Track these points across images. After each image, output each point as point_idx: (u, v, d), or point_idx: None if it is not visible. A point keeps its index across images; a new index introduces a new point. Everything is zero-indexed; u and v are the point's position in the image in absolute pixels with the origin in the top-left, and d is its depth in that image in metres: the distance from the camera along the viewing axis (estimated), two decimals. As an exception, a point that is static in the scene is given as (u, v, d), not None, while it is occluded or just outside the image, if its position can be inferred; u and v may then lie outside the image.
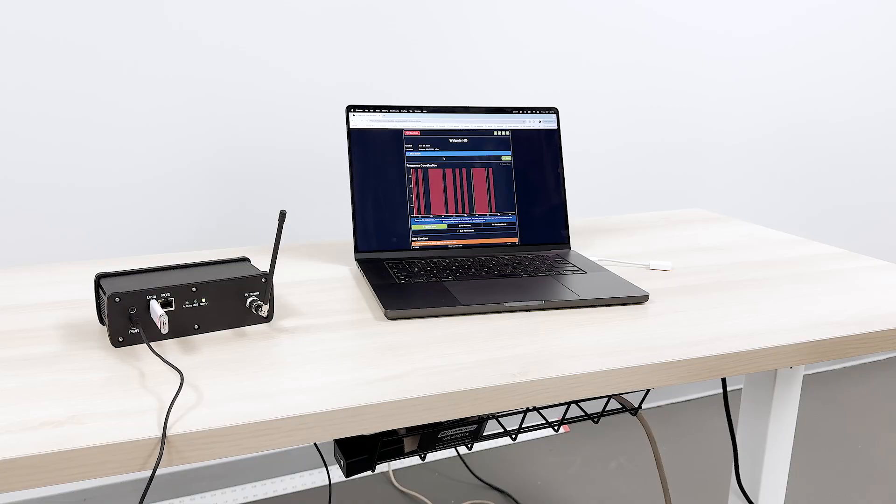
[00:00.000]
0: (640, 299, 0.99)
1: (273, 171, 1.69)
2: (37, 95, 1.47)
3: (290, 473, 1.89)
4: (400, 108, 1.19)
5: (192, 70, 1.57)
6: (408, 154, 1.18)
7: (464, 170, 1.20)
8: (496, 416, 0.93)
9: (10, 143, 1.47)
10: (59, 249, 1.55)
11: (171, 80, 1.56)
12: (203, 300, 0.86)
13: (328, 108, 1.71)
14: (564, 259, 1.15)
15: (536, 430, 0.99)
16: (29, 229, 1.52)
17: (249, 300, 0.89)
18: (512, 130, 1.24)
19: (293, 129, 1.69)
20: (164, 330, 0.80)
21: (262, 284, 0.89)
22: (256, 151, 1.67)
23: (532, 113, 1.25)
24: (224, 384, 0.74)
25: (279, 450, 1.82)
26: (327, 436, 0.71)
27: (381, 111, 1.18)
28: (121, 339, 0.82)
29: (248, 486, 1.84)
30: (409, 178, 1.18)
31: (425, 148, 1.19)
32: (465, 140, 1.21)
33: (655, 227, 1.40)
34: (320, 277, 1.09)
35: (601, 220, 1.45)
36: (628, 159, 2.08)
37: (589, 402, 0.88)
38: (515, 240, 1.21)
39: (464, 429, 0.92)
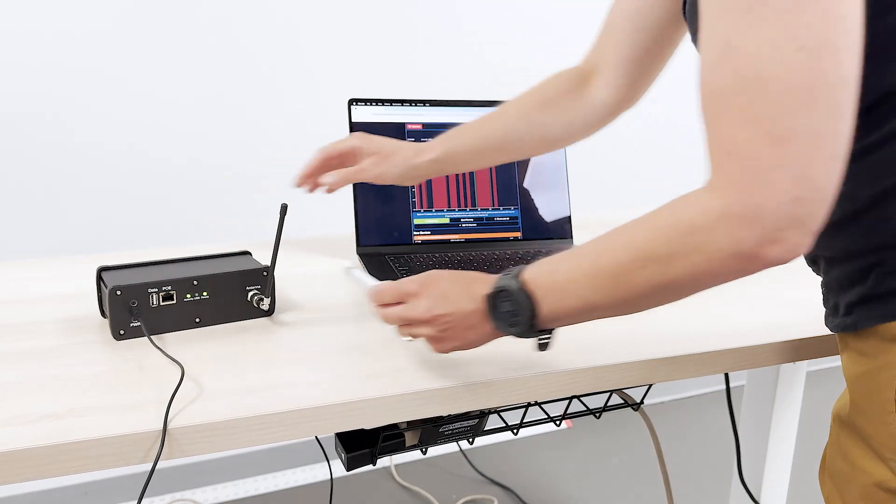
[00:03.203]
0: (642, 294, 0.99)
1: (274, 164, 1.69)
2: (37, 92, 1.47)
3: (292, 467, 1.89)
4: (402, 102, 1.18)
5: (194, 65, 1.57)
6: (410, 148, 1.17)
7: (466, 164, 1.19)
8: (498, 411, 0.92)
9: (10, 136, 1.47)
10: (61, 243, 1.55)
11: (173, 75, 1.56)
12: (204, 293, 0.86)
13: (330, 101, 1.70)
14: (567, 254, 1.15)
15: (538, 424, 0.99)
16: (30, 223, 1.52)
17: (251, 294, 0.88)
18: (515, 124, 1.23)
19: (295, 122, 1.68)
20: None
21: (264, 278, 0.89)
22: (258, 144, 1.66)
23: (535, 107, 1.24)
24: (225, 378, 0.74)
25: (280, 443, 1.82)
26: (328, 429, 0.71)
27: (383, 104, 1.18)
28: (122, 332, 0.82)
29: (250, 479, 1.84)
30: (412, 172, 1.17)
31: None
32: (468, 134, 1.20)
33: (658, 222, 1.39)
34: (322, 271, 1.09)
35: (604, 215, 1.44)
36: (632, 153, 2.07)
37: (591, 396, 0.88)
38: (518, 234, 1.21)
39: (465, 423, 0.91)
